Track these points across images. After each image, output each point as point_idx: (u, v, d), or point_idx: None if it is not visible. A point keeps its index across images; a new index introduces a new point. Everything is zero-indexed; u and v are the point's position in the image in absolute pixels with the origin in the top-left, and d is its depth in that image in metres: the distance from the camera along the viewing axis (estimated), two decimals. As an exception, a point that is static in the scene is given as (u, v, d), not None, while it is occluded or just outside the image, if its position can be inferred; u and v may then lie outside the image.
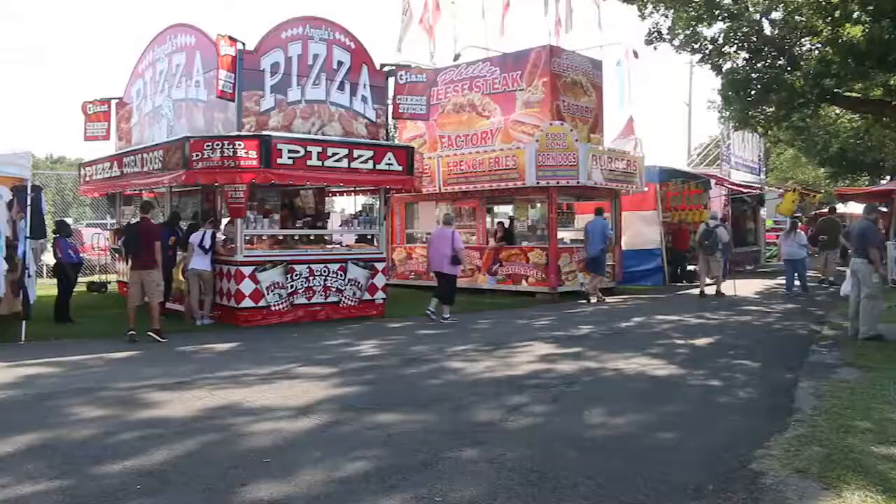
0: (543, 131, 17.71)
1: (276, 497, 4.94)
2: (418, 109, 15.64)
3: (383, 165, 14.44)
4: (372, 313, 14.73)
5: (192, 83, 15.13)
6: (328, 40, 14.74)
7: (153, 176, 14.17)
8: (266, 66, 14.03)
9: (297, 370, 9.32)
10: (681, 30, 20.00)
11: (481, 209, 19.58)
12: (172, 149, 13.46)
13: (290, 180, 13.99)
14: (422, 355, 10.41)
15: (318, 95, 14.61)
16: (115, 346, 11.21)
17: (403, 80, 15.46)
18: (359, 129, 15.02)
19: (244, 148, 12.84)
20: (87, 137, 18.70)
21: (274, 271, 13.57)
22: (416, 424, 6.74)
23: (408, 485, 5.16)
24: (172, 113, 15.86)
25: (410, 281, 20.48)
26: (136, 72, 17.81)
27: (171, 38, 16.06)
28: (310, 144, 13.60)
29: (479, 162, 18.66)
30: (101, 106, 18.63)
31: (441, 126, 20.46)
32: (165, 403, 7.55)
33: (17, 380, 8.75)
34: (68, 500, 4.93)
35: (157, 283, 11.85)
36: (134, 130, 17.79)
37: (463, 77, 20.34)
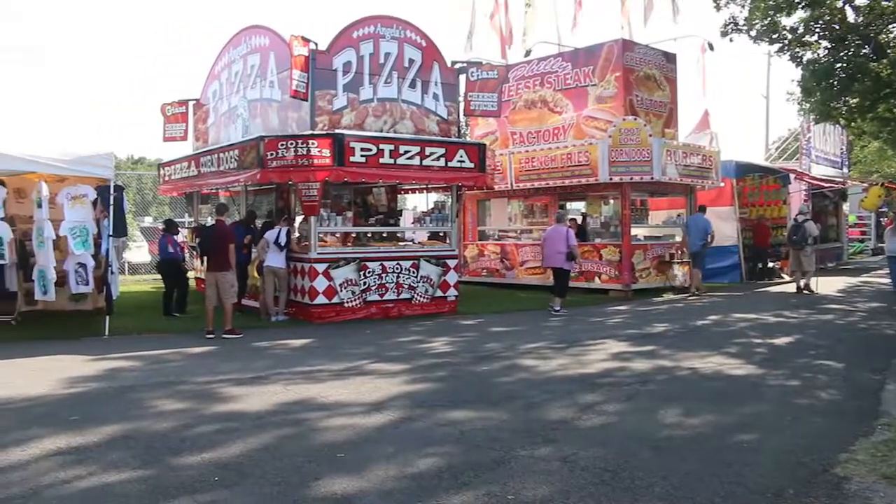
0: (616, 127, 17.50)
1: (348, 491, 5.00)
2: (490, 106, 15.60)
3: (455, 163, 14.45)
4: (444, 310, 14.77)
5: (266, 83, 15.39)
6: (399, 38, 14.81)
7: (229, 175, 14.46)
8: (338, 66, 14.18)
9: (369, 366, 9.41)
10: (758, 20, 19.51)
11: (553, 206, 19.41)
12: (248, 148, 13.72)
13: (363, 178, 14.12)
14: (494, 352, 10.39)
15: (389, 93, 14.70)
16: (194, 341, 11.50)
17: (475, 76, 15.44)
18: (430, 127, 15.06)
19: (317, 146, 13.00)
20: (166, 138, 19.21)
21: (347, 268, 13.72)
22: (488, 422, 6.73)
23: (480, 482, 5.15)
24: (247, 113, 16.17)
25: (482, 278, 20.47)
26: (212, 73, 18.21)
27: (246, 40, 16.37)
28: (382, 142, 13.70)
29: (550, 158, 18.54)
30: (179, 107, 19.11)
31: (512, 122, 20.39)
32: (241, 398, 7.71)
33: (101, 373, 9.05)
34: (150, 489, 5.07)
35: (231, 285, 12.09)
36: (210, 131, 18.19)
37: (534, 73, 20.23)
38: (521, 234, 20.78)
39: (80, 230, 11.80)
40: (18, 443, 6.09)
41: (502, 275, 20.12)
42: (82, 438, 6.21)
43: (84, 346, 10.99)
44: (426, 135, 14.81)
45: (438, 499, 4.87)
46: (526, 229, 20.69)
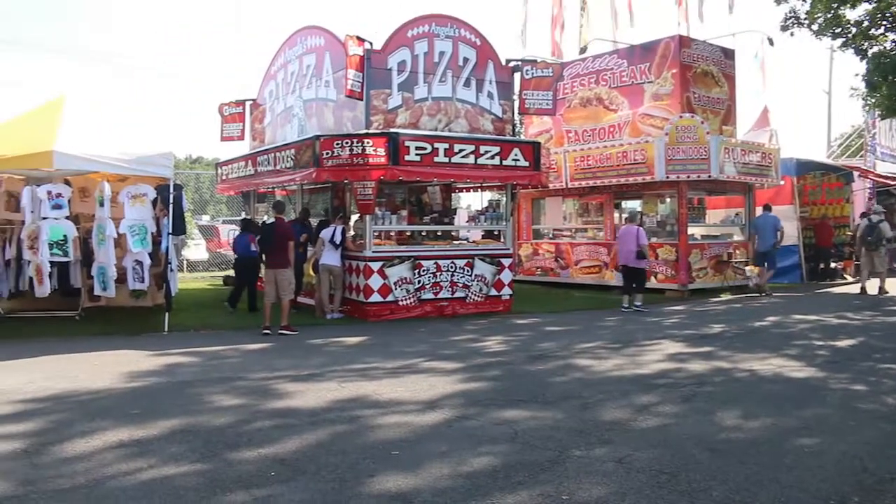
0: (673, 124, 17.27)
1: (403, 489, 5.01)
2: (545, 104, 15.53)
3: (510, 161, 14.41)
4: (498, 309, 14.74)
5: (321, 83, 15.53)
6: (454, 37, 14.83)
7: (285, 174, 14.63)
8: (393, 65, 14.25)
9: (424, 365, 9.43)
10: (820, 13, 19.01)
11: (609, 204, 19.25)
12: (303, 147, 13.86)
13: (418, 177, 14.17)
14: (548, 352, 10.33)
15: (444, 92, 14.73)
16: (250, 337, 11.66)
17: (529, 75, 15.38)
18: (485, 126, 15.05)
19: (372, 145, 13.08)
20: (224, 138, 19.53)
21: (402, 267, 13.78)
22: (543, 421, 6.69)
23: (534, 482, 5.13)
24: (303, 113, 16.34)
25: (537, 277, 20.38)
26: (268, 74, 18.44)
27: (302, 41, 16.54)
28: (437, 141, 13.73)
29: (606, 156, 18.38)
30: (236, 107, 19.41)
31: (567, 121, 20.26)
32: (297, 394, 7.79)
33: (161, 368, 9.23)
34: (208, 482, 5.16)
35: (290, 282, 12.23)
36: (267, 130, 18.43)
37: (589, 70, 20.08)
38: (576, 233, 20.64)
39: (139, 228, 12.07)
40: (83, 434, 6.26)
41: (557, 274, 20.00)
42: (143, 432, 6.34)
43: (144, 341, 11.22)
44: (481, 133, 14.80)
45: (493, 498, 4.85)
46: (581, 228, 20.55)
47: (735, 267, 18.73)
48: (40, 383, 8.29)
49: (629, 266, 15.09)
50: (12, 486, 5.09)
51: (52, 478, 5.25)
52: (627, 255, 15.04)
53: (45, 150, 11.03)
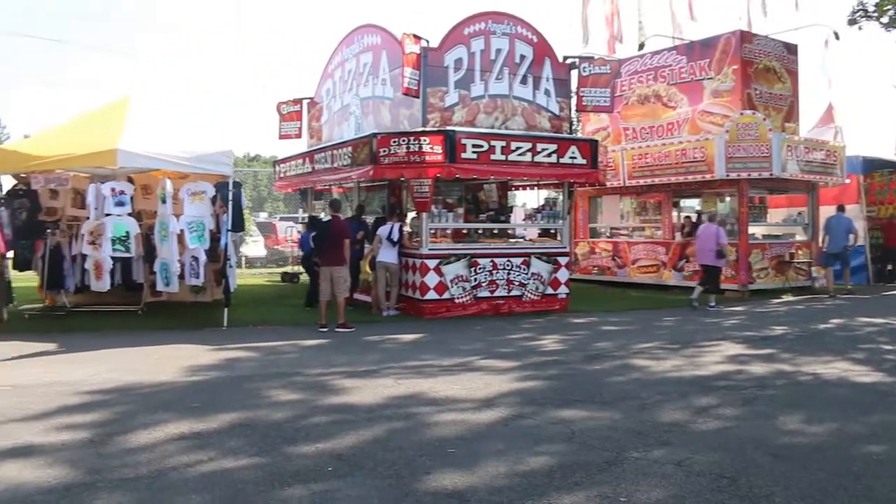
0: (733, 121, 16.96)
1: (459, 487, 5.00)
2: (602, 101, 15.39)
3: (567, 159, 14.31)
4: (554, 308, 14.65)
5: (378, 81, 15.61)
6: (510, 34, 14.78)
7: (342, 171, 14.73)
8: (449, 63, 14.26)
9: (479, 363, 9.41)
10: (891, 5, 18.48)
11: (667, 203, 19.00)
12: (360, 145, 13.94)
13: (474, 174, 14.15)
14: (605, 352, 10.23)
15: (501, 90, 14.69)
16: (308, 333, 11.77)
17: (587, 72, 15.26)
18: (542, 123, 14.97)
19: (429, 143, 13.10)
20: (282, 136, 19.78)
21: (458, 264, 13.78)
22: (600, 421, 6.62)
23: (592, 483, 5.07)
24: (360, 111, 16.44)
25: (593, 276, 20.22)
26: (326, 72, 18.60)
27: (359, 39, 16.64)
28: (493, 139, 13.69)
29: (664, 154, 18.13)
30: (293, 106, 19.64)
31: (625, 118, 20.05)
32: (354, 390, 7.84)
33: (220, 362, 9.37)
34: (266, 476, 5.21)
35: (345, 280, 12.31)
36: (324, 128, 18.59)
37: (647, 67, 19.83)
38: (634, 232, 20.42)
39: (197, 225, 12.28)
40: (145, 426, 6.39)
41: (614, 273, 19.81)
42: (203, 425, 6.45)
43: (204, 336, 11.41)
44: (538, 131, 14.74)
45: (549, 498, 4.81)
46: (638, 227, 20.32)
47: (797, 267, 18.33)
48: (105, 375, 8.50)
49: (708, 265, 15.13)
50: (80, 474, 5.23)
51: (116, 467, 5.38)
52: (707, 253, 15.07)
53: (109, 149, 11.30)
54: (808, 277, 18.26)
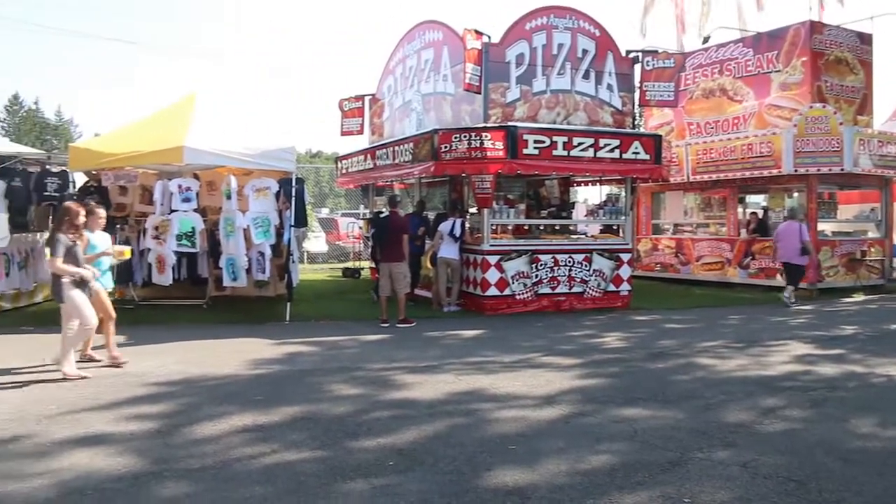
0: (802, 115, 16.54)
1: (520, 484, 4.98)
2: (666, 96, 15.16)
3: (630, 154, 14.13)
4: (616, 305, 14.49)
5: (439, 77, 15.62)
6: (573, 29, 14.64)
7: (404, 168, 14.78)
8: (511, 58, 14.19)
9: (540, 359, 9.36)
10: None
11: (732, 199, 18.62)
12: (422, 141, 13.97)
13: (536, 170, 14.06)
14: (668, 350, 10.08)
15: (562, 85, 14.57)
16: (369, 328, 11.86)
17: (650, 66, 15.03)
18: (604, 118, 14.81)
19: (491, 139, 13.06)
20: (343, 132, 19.95)
21: (519, 261, 13.72)
22: (663, 421, 6.52)
23: (654, 483, 5.00)
24: (421, 107, 16.47)
25: (656, 273, 19.95)
26: (387, 69, 18.68)
27: (420, 35, 16.67)
28: (555, 134, 13.59)
29: (730, 149, 17.77)
30: (355, 102, 19.80)
31: (689, 112, 19.71)
32: (414, 386, 7.86)
33: (283, 356, 9.49)
34: (328, 470, 5.27)
35: (404, 275, 12.35)
36: (386, 124, 18.68)
37: (712, 60, 19.47)
38: (698, 228, 20.08)
39: (262, 221, 12.43)
40: (210, 418, 6.52)
41: (677, 270, 19.52)
42: (266, 418, 6.54)
43: (267, 330, 11.57)
44: (600, 126, 14.57)
45: (611, 497, 4.76)
46: (702, 223, 19.97)
47: (870, 265, 17.81)
48: (171, 367, 8.70)
49: (792, 263, 14.94)
50: (148, 464, 5.36)
51: (182, 458, 5.49)
52: (790, 251, 14.86)
53: (176, 146, 11.52)
54: (881, 276, 17.72)
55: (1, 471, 5.22)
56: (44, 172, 13.50)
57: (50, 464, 5.37)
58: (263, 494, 4.81)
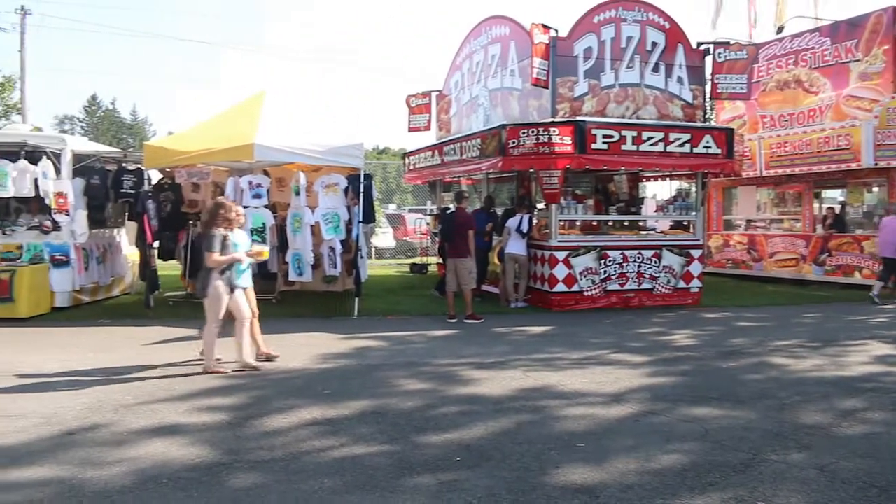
0: (884, 106, 15.97)
1: (588, 482, 4.93)
2: (738, 88, 14.82)
3: (700, 149, 13.87)
4: (687, 302, 14.24)
5: (506, 72, 15.56)
6: (641, 21, 14.42)
7: (471, 163, 14.77)
8: (579, 52, 14.06)
9: (609, 356, 9.25)
10: None
11: (808, 194, 18.11)
12: (489, 137, 13.93)
13: (605, 165, 13.91)
14: (741, 348, 9.86)
15: (631, 79, 14.37)
16: (436, 324, 11.89)
17: (722, 58, 14.72)
18: (674, 112, 14.55)
19: (559, 134, 12.96)
20: (411, 128, 20.04)
21: (587, 257, 13.59)
22: (735, 421, 6.38)
23: (726, 484, 4.89)
24: (488, 102, 16.44)
25: (727, 269, 19.54)
26: (454, 64, 18.69)
27: (487, 31, 16.63)
28: (624, 129, 13.42)
29: (805, 142, 17.28)
30: (422, 99, 19.88)
31: (762, 105, 19.23)
32: (482, 381, 7.85)
33: (351, 350, 9.58)
34: (396, 464, 5.30)
35: (469, 271, 12.32)
36: (453, 120, 18.69)
37: (787, 51, 18.96)
38: (771, 224, 19.58)
39: (332, 216, 12.56)
40: (280, 411, 6.62)
41: (749, 266, 19.08)
42: (335, 411, 6.61)
43: (335, 324, 11.70)
44: (670, 120, 14.33)
45: (681, 498, 4.68)
46: (776, 219, 19.48)
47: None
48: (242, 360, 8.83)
49: (890, 258, 14.56)
50: (220, 454, 5.48)
51: (253, 449, 5.59)
52: (890, 246, 14.53)
53: (247, 143, 11.72)
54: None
55: (81, 458, 5.40)
56: (120, 170, 13.89)
57: (127, 452, 5.52)
58: (332, 487, 4.86)
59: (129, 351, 9.52)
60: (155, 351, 9.55)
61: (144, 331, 10.92)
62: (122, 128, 77.82)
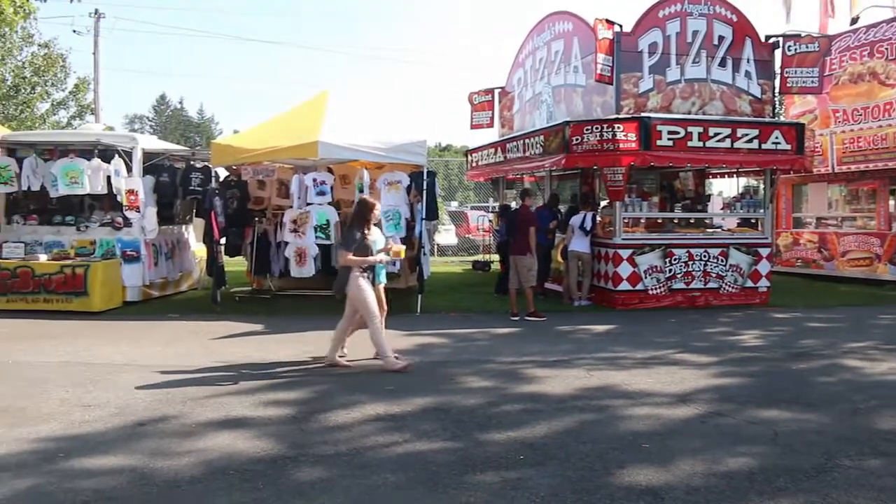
0: (964, 100, 15.39)
1: (653, 484, 4.85)
2: (809, 82, 14.43)
3: (769, 145, 13.55)
4: (754, 301, 13.93)
5: (570, 69, 15.42)
6: (708, 15, 14.14)
7: (534, 160, 14.68)
8: (644, 47, 13.85)
9: (674, 356, 9.10)
10: None
11: (883, 191, 17.53)
12: (553, 134, 13.83)
13: (670, 162, 13.67)
14: (811, 350, 9.61)
15: (698, 74, 14.10)
16: (499, 321, 11.85)
17: (792, 51, 14.34)
18: (742, 107, 14.24)
19: (623, 130, 12.81)
20: (473, 126, 20.02)
21: (652, 255, 13.40)
22: (806, 424, 6.21)
23: (797, 489, 4.77)
24: (552, 99, 16.32)
25: (797, 269, 19.06)
26: (516, 61, 18.61)
27: (550, 27, 16.51)
28: (690, 125, 13.20)
29: (881, 137, 16.75)
30: (485, 96, 19.84)
31: (834, 99, 18.68)
32: (545, 380, 7.80)
33: (414, 347, 9.61)
34: (459, 460, 5.30)
35: (529, 269, 12.21)
36: (516, 117, 18.61)
37: (861, 42, 18.36)
38: (843, 222, 19.03)
39: (394, 213, 12.62)
40: (343, 406, 6.68)
41: (819, 266, 18.58)
42: (398, 407, 6.64)
43: (398, 321, 11.70)
44: (737, 116, 14.03)
45: (750, 502, 4.58)
46: (849, 216, 18.92)
47: None
48: (307, 356, 8.96)
49: None
50: (285, 448, 5.56)
51: (317, 443, 5.65)
52: None
53: (311, 141, 11.86)
54: None
55: (151, 448, 5.52)
56: (189, 168, 14.19)
57: (195, 443, 5.64)
58: (396, 482, 4.88)
59: (196, 345, 9.73)
60: (221, 345, 9.74)
61: (211, 325, 11.14)
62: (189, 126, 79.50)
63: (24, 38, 27.94)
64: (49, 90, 29.10)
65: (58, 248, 13.04)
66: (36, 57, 28.29)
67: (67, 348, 9.42)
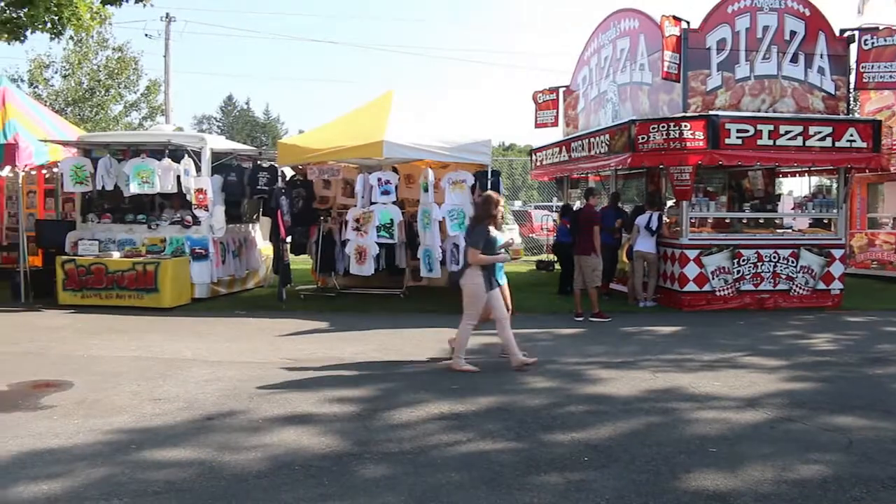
0: None
1: (721, 489, 4.76)
2: (887, 77, 13.94)
3: (843, 143, 13.17)
4: (826, 304, 13.55)
5: (636, 66, 15.22)
6: (779, 9, 13.79)
7: (599, 159, 14.54)
8: (712, 44, 13.59)
9: (742, 359, 8.91)
10: None
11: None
12: (618, 132, 13.68)
13: (739, 161, 13.39)
14: (888, 355, 9.30)
15: (768, 70, 13.78)
16: (563, 322, 11.77)
17: (869, 45, 13.89)
18: (815, 104, 13.87)
19: (690, 129, 12.60)
20: (538, 125, 19.92)
21: (720, 255, 13.15)
22: (883, 432, 6.01)
23: (873, 500, 4.62)
24: (617, 97, 16.14)
25: (871, 271, 18.50)
26: (581, 59, 18.45)
27: (615, 24, 16.32)
28: (760, 123, 12.91)
29: (961, 135, 16.16)
30: (549, 95, 19.73)
31: (914, 95, 18.08)
32: (610, 381, 7.72)
33: (477, 346, 9.53)
34: (522, 461, 5.27)
35: (593, 269, 12.04)
36: (580, 116, 18.46)
37: (945, 35, 17.72)
38: (922, 223, 18.42)
39: (458, 213, 12.62)
40: (408, 404, 6.71)
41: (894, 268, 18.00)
42: (462, 406, 6.64)
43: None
44: (809, 113, 13.66)
45: (824, 511, 4.45)
46: (928, 217, 18.31)
47: None
48: (371, 354, 9.04)
49: None
50: (350, 445, 5.61)
51: (381, 441, 5.69)
52: None
53: (376, 141, 11.96)
54: None
55: (219, 442, 5.63)
56: (256, 167, 14.42)
57: (262, 438, 5.73)
58: (459, 482, 4.88)
59: (262, 341, 9.89)
60: (287, 342, 9.88)
61: (277, 322, 11.31)
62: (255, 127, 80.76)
63: (99, 43, 28.89)
64: (122, 92, 30.06)
65: (130, 246, 13.38)
66: (110, 60, 29.20)
67: (139, 343, 9.67)
